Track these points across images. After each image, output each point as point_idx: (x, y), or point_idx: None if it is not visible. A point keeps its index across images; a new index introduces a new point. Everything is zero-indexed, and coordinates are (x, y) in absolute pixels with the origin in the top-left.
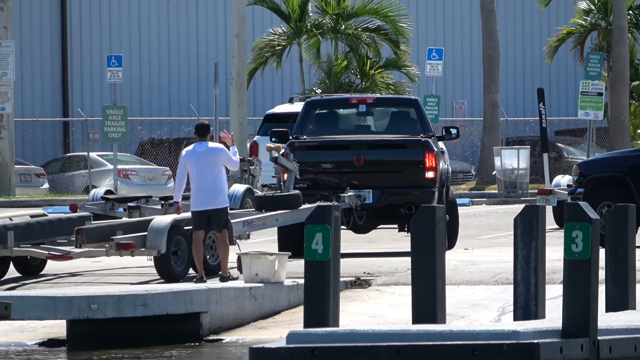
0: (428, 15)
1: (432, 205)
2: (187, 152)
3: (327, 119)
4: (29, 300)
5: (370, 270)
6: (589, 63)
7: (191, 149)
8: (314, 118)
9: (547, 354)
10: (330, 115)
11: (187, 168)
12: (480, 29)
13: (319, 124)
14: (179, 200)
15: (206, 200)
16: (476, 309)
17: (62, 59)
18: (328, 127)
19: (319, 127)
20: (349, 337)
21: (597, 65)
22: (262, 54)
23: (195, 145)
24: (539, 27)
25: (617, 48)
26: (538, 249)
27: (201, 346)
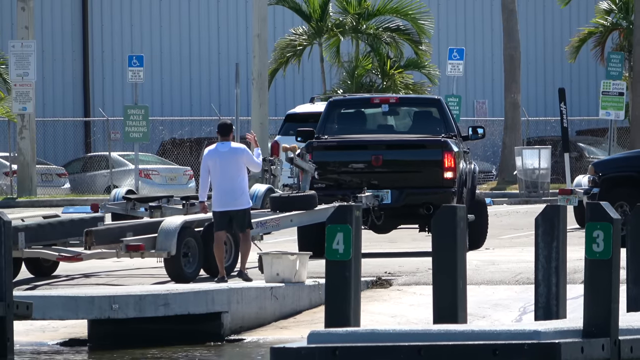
0: (449, 15)
1: (453, 205)
2: (210, 151)
3: (349, 119)
4: (50, 300)
5: (391, 270)
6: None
7: (213, 148)
8: (337, 118)
9: (569, 353)
10: (353, 115)
11: (209, 167)
12: (501, 29)
13: (342, 123)
14: (204, 200)
15: (228, 200)
16: (497, 309)
17: (84, 59)
18: (351, 126)
19: (341, 126)
20: (370, 337)
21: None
22: (283, 54)
23: (218, 145)
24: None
25: (638, 48)
26: (559, 249)
27: (222, 346)
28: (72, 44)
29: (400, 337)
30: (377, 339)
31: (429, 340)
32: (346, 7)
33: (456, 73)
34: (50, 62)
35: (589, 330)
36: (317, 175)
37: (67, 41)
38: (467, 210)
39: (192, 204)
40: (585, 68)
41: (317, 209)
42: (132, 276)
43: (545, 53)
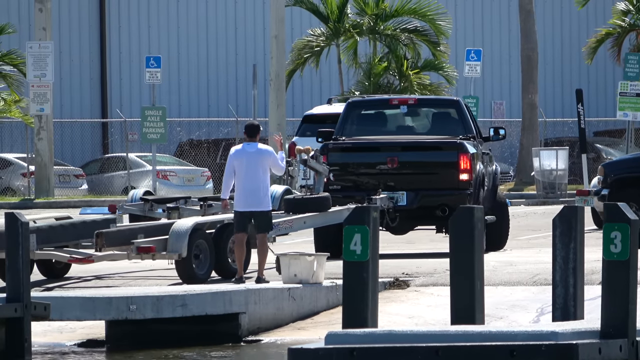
0: (466, 16)
1: (471, 206)
2: (237, 151)
3: (368, 120)
4: (67, 301)
5: (409, 271)
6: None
7: (240, 148)
8: (356, 119)
9: (586, 354)
10: (372, 116)
11: (234, 167)
12: (519, 30)
13: (360, 125)
14: (226, 198)
15: (251, 201)
16: (515, 310)
17: (101, 60)
18: (369, 128)
19: (360, 128)
20: (388, 338)
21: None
22: (301, 55)
23: (245, 145)
24: (577, 28)
25: None
26: (577, 250)
27: (240, 347)
28: (89, 45)
29: (417, 338)
30: (394, 340)
31: (446, 341)
32: (364, 8)
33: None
34: (68, 63)
35: (606, 331)
36: (332, 177)
37: (84, 42)
38: (488, 211)
39: (210, 205)
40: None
41: (331, 210)
42: (145, 278)
43: (562, 54)
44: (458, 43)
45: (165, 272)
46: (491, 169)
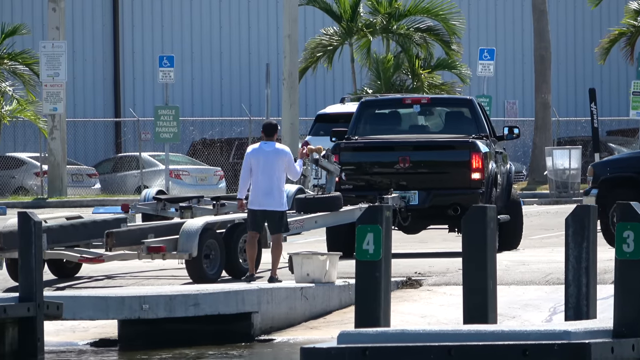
0: (479, 16)
1: (483, 205)
2: (254, 149)
3: (381, 119)
4: (80, 300)
5: (422, 270)
6: None
7: (258, 147)
8: (369, 118)
9: (599, 353)
10: (385, 115)
11: (251, 165)
12: (532, 29)
13: (374, 124)
14: (242, 197)
15: (265, 200)
16: (527, 309)
17: (114, 60)
18: (382, 127)
19: (373, 127)
20: (400, 337)
21: None
22: (314, 54)
23: (262, 144)
24: (590, 28)
25: None
26: (589, 249)
27: (253, 346)
28: (102, 45)
29: (430, 338)
30: (407, 340)
31: (459, 341)
32: (377, 7)
33: (487, 73)
34: (81, 62)
35: (619, 330)
36: (343, 177)
37: (97, 42)
38: (502, 210)
39: (223, 205)
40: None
41: (342, 210)
42: (156, 277)
43: (575, 53)
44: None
45: (177, 271)
46: (505, 168)
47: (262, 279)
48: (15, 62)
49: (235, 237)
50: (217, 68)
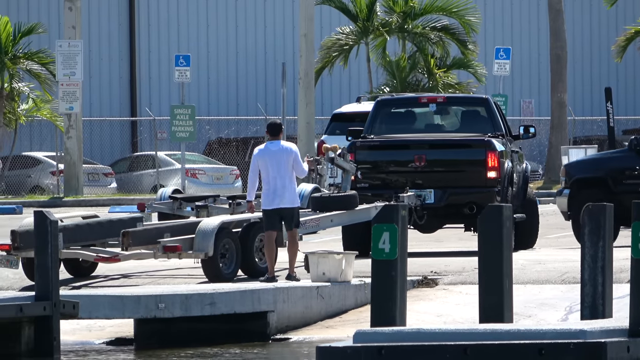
0: (495, 15)
1: (499, 204)
2: (260, 150)
3: (397, 118)
4: (96, 299)
5: (437, 270)
6: None
7: (264, 147)
8: (385, 117)
9: (614, 353)
10: (401, 114)
11: (259, 166)
12: (548, 28)
13: (390, 123)
14: (252, 199)
15: (278, 199)
16: (543, 308)
17: (130, 59)
18: (398, 126)
19: (389, 126)
20: (416, 336)
21: None
22: (330, 54)
23: (268, 144)
24: (607, 26)
25: None
26: (605, 248)
27: (268, 345)
28: (118, 44)
29: (446, 337)
30: (423, 339)
31: (475, 340)
32: (392, 6)
33: (503, 72)
34: (97, 61)
35: (635, 329)
36: (359, 175)
37: (113, 41)
38: (518, 209)
39: (239, 204)
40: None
41: (358, 208)
42: (172, 276)
43: (591, 52)
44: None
45: (193, 271)
46: (521, 167)
47: (279, 277)
48: (31, 61)
49: (251, 236)
50: (233, 67)
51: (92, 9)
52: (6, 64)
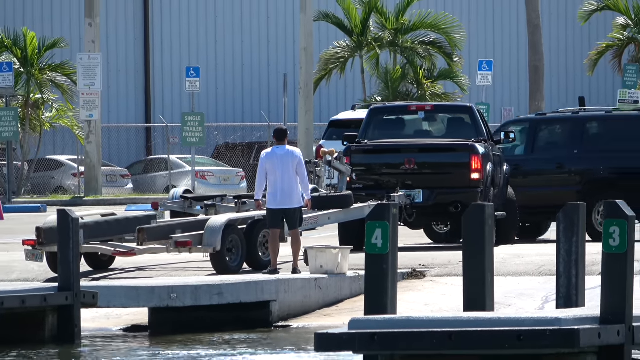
0: (479, 30)
1: (482, 203)
2: (267, 154)
3: (389, 125)
4: (114, 290)
5: (425, 263)
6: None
7: (270, 151)
8: (378, 123)
9: (587, 339)
10: (392, 121)
11: (266, 168)
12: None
13: (382, 129)
14: (259, 198)
15: (282, 199)
16: (522, 298)
17: (145, 70)
18: (390, 131)
19: (381, 131)
20: (406, 323)
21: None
22: (327, 65)
23: (274, 148)
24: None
25: None
26: (579, 243)
27: (271, 331)
28: (134, 57)
29: (433, 324)
30: (412, 326)
31: (459, 327)
32: (384, 23)
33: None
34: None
35: (605, 317)
36: (354, 177)
37: (130, 54)
38: (499, 207)
39: (244, 203)
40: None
41: (353, 207)
42: (183, 269)
43: (567, 64)
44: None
45: (202, 264)
46: (502, 169)
47: (281, 270)
48: (55, 72)
49: (255, 232)
50: (239, 78)
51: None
52: (34, 74)
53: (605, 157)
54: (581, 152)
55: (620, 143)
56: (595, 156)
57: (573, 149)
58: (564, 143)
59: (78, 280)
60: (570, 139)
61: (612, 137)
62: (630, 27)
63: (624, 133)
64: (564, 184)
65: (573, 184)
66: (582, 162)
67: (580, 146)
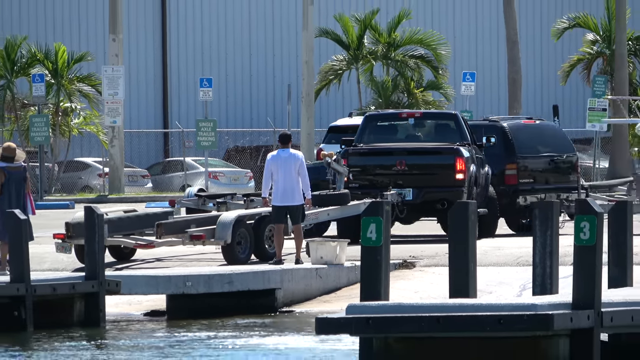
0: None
1: (466, 201)
2: (273, 156)
3: (382, 130)
4: (135, 278)
5: (415, 254)
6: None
7: (276, 154)
8: (372, 129)
9: (560, 322)
10: (385, 127)
11: (271, 169)
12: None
13: (376, 134)
14: (266, 196)
15: (286, 197)
16: (502, 286)
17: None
18: (383, 136)
19: (376, 136)
20: (397, 309)
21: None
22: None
23: (279, 151)
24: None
25: (618, 72)
26: (553, 237)
27: (276, 316)
28: (153, 68)
29: (422, 309)
30: (403, 311)
31: (445, 312)
32: (378, 38)
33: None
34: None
35: (577, 303)
36: (351, 177)
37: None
38: (481, 205)
39: (252, 200)
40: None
41: (349, 204)
42: (197, 260)
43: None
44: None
45: (214, 255)
46: (484, 170)
47: (285, 260)
48: (82, 83)
49: (262, 227)
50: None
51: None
52: (63, 85)
53: None
54: None
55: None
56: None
57: None
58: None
59: (103, 270)
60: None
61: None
62: (598, 42)
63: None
64: None
65: None
66: None
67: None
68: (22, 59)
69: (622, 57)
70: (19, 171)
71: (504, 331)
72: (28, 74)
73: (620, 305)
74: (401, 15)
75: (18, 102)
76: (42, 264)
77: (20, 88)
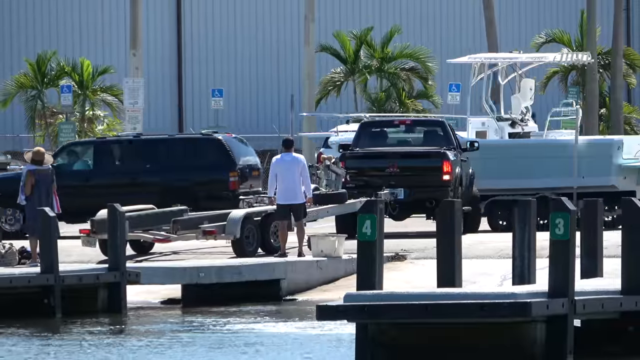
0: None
1: (452, 199)
2: (277, 160)
3: (376, 136)
4: (154, 270)
5: (406, 248)
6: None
7: (280, 158)
8: (367, 135)
9: (537, 309)
10: (379, 133)
11: (276, 172)
12: None
13: (371, 139)
14: (272, 195)
15: (289, 196)
16: (485, 277)
17: (179, 91)
18: (377, 141)
19: (370, 141)
20: (390, 297)
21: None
22: (326, 88)
23: (283, 155)
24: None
25: (590, 84)
26: (531, 232)
27: (281, 304)
28: (170, 80)
29: (412, 297)
30: (395, 299)
31: (434, 300)
32: (372, 53)
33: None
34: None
35: (552, 292)
36: (348, 178)
37: (166, 78)
38: (466, 203)
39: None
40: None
41: (347, 203)
42: (209, 253)
43: None
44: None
45: (224, 249)
46: (468, 172)
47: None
48: (105, 93)
49: (268, 223)
50: (255, 97)
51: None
52: (88, 95)
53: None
54: (153, 166)
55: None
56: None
57: (145, 164)
58: (123, 160)
59: (124, 261)
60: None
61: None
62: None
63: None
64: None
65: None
66: (154, 175)
67: (152, 162)
68: (52, 71)
69: (592, 70)
70: (47, 173)
71: (487, 317)
72: (57, 85)
73: (591, 294)
74: (392, 31)
75: (48, 111)
76: (69, 257)
77: (49, 98)
